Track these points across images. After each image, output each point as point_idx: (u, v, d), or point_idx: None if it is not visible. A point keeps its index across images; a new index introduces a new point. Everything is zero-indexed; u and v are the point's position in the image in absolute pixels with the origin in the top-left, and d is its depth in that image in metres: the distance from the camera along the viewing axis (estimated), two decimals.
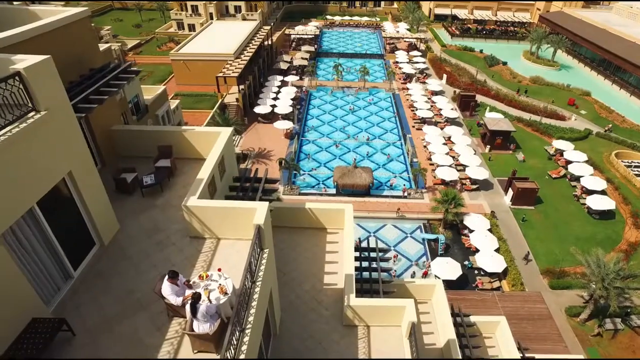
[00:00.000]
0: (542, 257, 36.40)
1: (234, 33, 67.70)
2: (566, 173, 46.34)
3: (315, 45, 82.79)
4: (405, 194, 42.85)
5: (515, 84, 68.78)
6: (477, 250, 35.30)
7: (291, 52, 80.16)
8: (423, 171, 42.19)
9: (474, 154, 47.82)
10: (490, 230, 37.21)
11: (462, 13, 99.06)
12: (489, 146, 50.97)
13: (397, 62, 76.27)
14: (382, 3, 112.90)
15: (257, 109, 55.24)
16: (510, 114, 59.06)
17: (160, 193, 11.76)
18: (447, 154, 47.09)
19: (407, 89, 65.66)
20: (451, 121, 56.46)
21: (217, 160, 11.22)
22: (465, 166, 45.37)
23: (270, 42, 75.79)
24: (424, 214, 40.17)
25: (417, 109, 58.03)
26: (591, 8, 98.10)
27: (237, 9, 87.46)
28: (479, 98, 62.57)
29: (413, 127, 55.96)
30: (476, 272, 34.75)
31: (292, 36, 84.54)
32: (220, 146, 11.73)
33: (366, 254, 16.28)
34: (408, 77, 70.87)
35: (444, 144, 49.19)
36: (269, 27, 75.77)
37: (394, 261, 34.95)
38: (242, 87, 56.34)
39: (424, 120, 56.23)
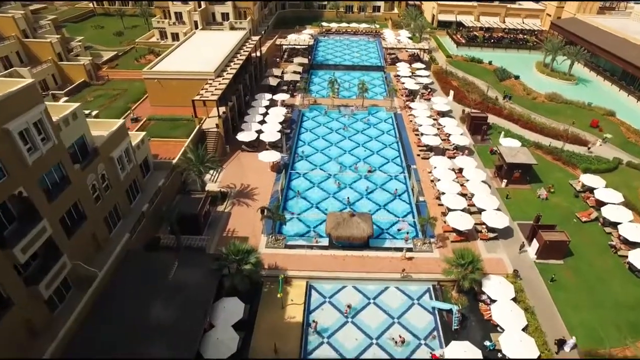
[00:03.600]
0: (579, 331, 29.67)
1: (218, 45, 60.93)
2: (598, 216, 39.69)
3: (309, 57, 75.96)
4: (409, 244, 36.20)
5: (529, 101, 62.13)
6: (499, 327, 28.77)
7: (282, 64, 73.37)
8: (432, 221, 35.45)
9: (490, 192, 41.07)
10: (514, 299, 30.56)
11: (467, 20, 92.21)
12: (505, 180, 44.32)
13: (398, 76, 69.56)
14: (382, 8, 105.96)
15: (241, 136, 48.47)
16: (526, 138, 52.43)
17: None
18: (459, 193, 40.36)
19: (411, 108, 58.92)
20: (461, 149, 49.74)
21: None
22: (481, 210, 38.73)
23: (259, 54, 69.07)
24: (433, 274, 33.47)
25: (422, 134, 51.29)
26: (606, 14, 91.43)
27: (225, 17, 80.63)
28: (491, 118, 55.87)
29: (418, 155, 49.29)
30: (500, 355, 28.08)
31: (284, 47, 77.61)
32: None
33: None
34: (411, 94, 64.15)
35: (455, 180, 42.43)
36: (258, 37, 69.12)
37: (400, 344, 28.29)
38: (223, 110, 49.60)
39: (430, 148, 49.51)
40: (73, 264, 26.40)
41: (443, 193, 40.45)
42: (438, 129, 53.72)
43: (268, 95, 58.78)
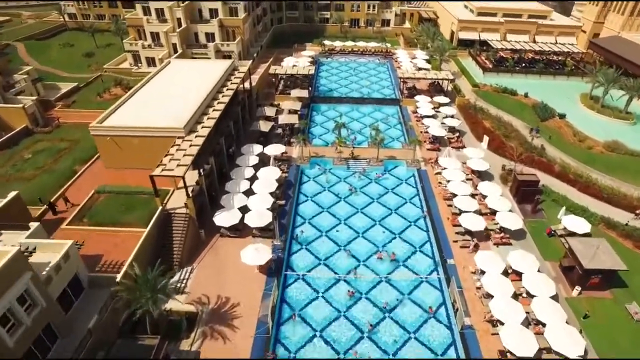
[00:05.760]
0: None
1: (194, 83, 48.53)
2: None
3: (310, 88, 63.70)
4: None
5: (584, 152, 49.74)
6: None
7: (278, 97, 61.28)
8: None
9: (565, 318, 28.90)
10: None
11: (493, 38, 79.85)
12: (579, 288, 32.32)
13: (417, 114, 57.44)
14: (392, 22, 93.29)
15: (220, 219, 36.32)
16: (591, 210, 40.47)
17: None
18: (523, 322, 28.29)
19: (438, 163, 46.86)
20: (511, 233, 37.64)
21: None
22: (558, 353, 26.72)
23: (249, 86, 56.80)
24: None
25: (459, 211, 39.10)
26: None
27: (210, 37, 68.30)
28: (539, 176, 43.76)
29: (455, 242, 37.14)
30: None
31: (280, 75, 65.15)
32: None
33: None
34: (436, 140, 51.99)
35: (513, 297, 30.34)
36: (248, 64, 56.55)
37: None
38: (196, 180, 37.47)
39: (471, 233, 37.40)
40: None
41: (501, 323, 28.40)
42: (474, 195, 41.67)
43: (258, 148, 46.56)
